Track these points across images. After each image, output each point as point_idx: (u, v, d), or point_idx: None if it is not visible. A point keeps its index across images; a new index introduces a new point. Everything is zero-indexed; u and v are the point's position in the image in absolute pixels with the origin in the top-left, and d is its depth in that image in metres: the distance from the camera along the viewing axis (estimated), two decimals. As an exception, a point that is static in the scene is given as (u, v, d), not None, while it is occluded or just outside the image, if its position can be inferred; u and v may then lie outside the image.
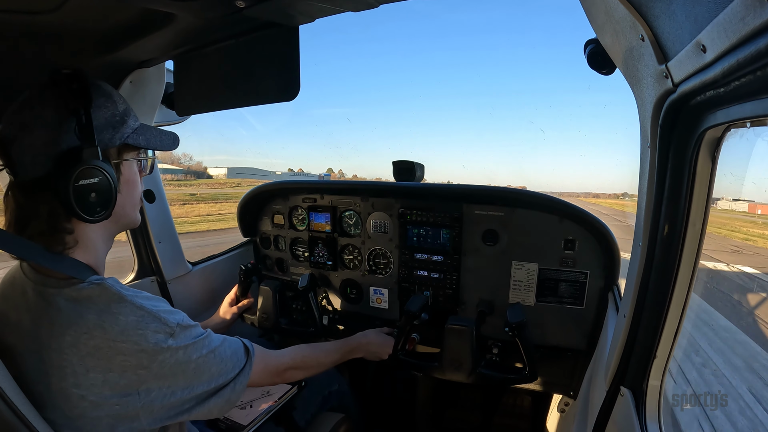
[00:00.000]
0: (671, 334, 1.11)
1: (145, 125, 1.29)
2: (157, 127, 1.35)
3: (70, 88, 1.07)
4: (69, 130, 1.07)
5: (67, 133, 1.07)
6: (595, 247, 1.89)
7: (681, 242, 1.00)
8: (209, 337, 1.23)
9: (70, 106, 1.07)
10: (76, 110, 1.07)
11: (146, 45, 1.49)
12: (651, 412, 1.17)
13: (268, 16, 1.28)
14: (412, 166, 2.34)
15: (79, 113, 1.07)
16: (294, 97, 1.39)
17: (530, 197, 1.97)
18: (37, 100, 1.07)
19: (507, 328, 1.70)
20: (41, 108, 1.06)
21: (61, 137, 1.06)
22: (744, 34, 0.53)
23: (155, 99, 1.92)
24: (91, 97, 1.10)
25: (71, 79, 1.08)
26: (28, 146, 1.05)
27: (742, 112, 0.70)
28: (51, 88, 1.09)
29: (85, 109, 1.08)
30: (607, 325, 1.69)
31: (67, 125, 1.07)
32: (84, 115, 1.08)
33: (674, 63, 0.77)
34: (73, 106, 1.07)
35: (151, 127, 1.32)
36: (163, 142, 1.34)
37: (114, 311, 1.05)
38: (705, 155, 0.91)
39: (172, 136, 1.37)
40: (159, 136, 1.33)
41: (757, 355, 6.00)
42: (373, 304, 2.50)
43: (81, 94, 1.08)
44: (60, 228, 1.10)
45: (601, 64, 1.15)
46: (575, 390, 1.94)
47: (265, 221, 2.84)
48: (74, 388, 1.02)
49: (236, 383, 1.26)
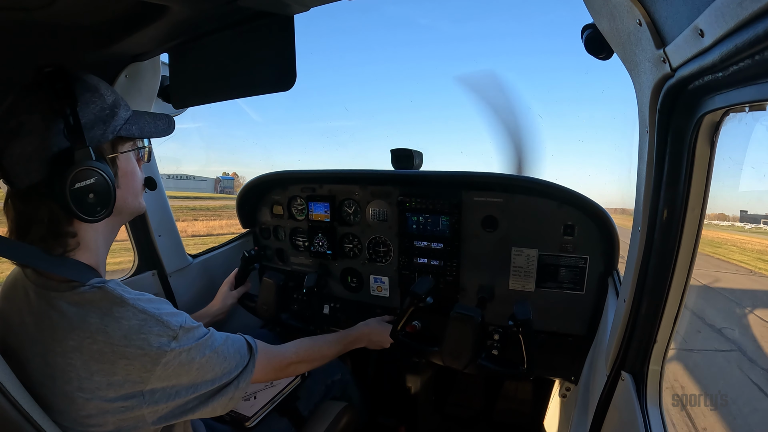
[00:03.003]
0: (671, 319, 1.12)
1: (138, 112, 1.27)
2: (150, 112, 1.33)
3: (54, 89, 1.04)
4: (58, 133, 1.05)
5: (56, 136, 1.04)
6: (595, 232, 1.89)
7: (680, 227, 1.00)
8: (212, 336, 1.22)
9: (55, 107, 1.04)
10: (62, 111, 1.04)
11: (140, 38, 1.47)
12: (652, 396, 1.18)
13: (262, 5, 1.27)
14: (411, 153, 2.33)
15: (65, 114, 1.05)
16: (290, 86, 1.38)
17: (529, 183, 1.97)
18: (22, 105, 1.04)
19: (511, 322, 1.68)
20: (27, 114, 1.03)
21: (51, 141, 1.04)
22: (742, 19, 0.53)
23: (151, 92, 1.90)
24: (76, 95, 1.07)
25: (54, 77, 1.05)
26: (18, 155, 1.02)
27: (740, 97, 0.70)
28: (34, 91, 1.06)
29: (71, 109, 1.05)
30: (608, 310, 1.70)
31: (55, 128, 1.04)
32: (71, 115, 1.05)
33: (672, 48, 0.76)
34: (58, 107, 1.04)
35: (144, 113, 1.29)
36: (158, 128, 1.32)
37: (116, 315, 1.05)
38: (704, 140, 0.90)
39: (166, 120, 1.35)
40: (153, 122, 1.30)
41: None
42: (374, 292, 2.50)
43: (65, 93, 1.05)
44: (62, 232, 1.10)
45: (598, 49, 1.14)
46: (576, 375, 1.96)
47: (264, 212, 2.84)
48: (79, 391, 1.03)
49: (240, 380, 1.26)
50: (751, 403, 5.75)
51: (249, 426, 1.81)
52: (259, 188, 2.76)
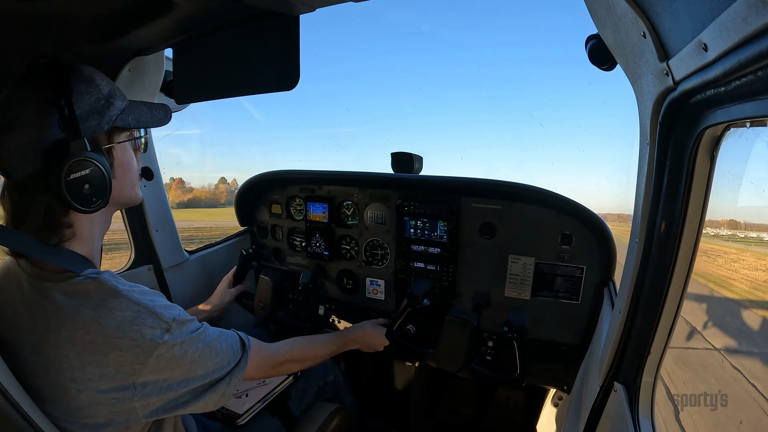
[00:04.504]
0: (666, 331, 1.12)
1: (134, 102, 1.26)
2: (147, 102, 1.32)
3: (48, 80, 1.04)
4: (53, 125, 1.05)
5: (51, 127, 1.04)
6: (592, 242, 1.89)
7: (678, 240, 1.00)
8: (205, 331, 1.22)
9: (50, 99, 1.04)
10: (57, 102, 1.04)
11: (145, 33, 1.47)
12: (644, 408, 1.18)
13: (268, 5, 1.27)
14: (411, 157, 2.33)
15: (60, 105, 1.04)
16: (293, 86, 1.39)
17: (528, 191, 1.97)
18: (17, 97, 1.04)
19: (506, 328, 1.69)
20: (22, 105, 1.03)
21: (46, 132, 1.04)
22: (746, 34, 0.53)
23: (154, 87, 1.90)
24: (71, 86, 1.07)
25: (49, 69, 1.05)
26: (14, 147, 1.02)
27: (742, 112, 0.70)
28: (29, 82, 1.06)
29: (66, 100, 1.05)
30: (602, 321, 1.70)
31: (50, 119, 1.04)
32: (66, 106, 1.05)
33: (675, 61, 0.77)
34: (53, 98, 1.04)
35: (141, 102, 1.29)
36: (154, 118, 1.31)
37: (110, 306, 1.05)
38: (704, 154, 0.91)
39: (163, 110, 1.35)
40: (149, 112, 1.30)
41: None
42: (370, 295, 2.50)
43: (60, 84, 1.05)
44: (58, 223, 1.10)
45: (602, 60, 1.14)
46: (569, 384, 1.96)
47: (262, 210, 2.84)
48: (71, 382, 1.02)
49: (232, 377, 1.26)
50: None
51: (240, 423, 1.80)
52: (258, 187, 2.75)
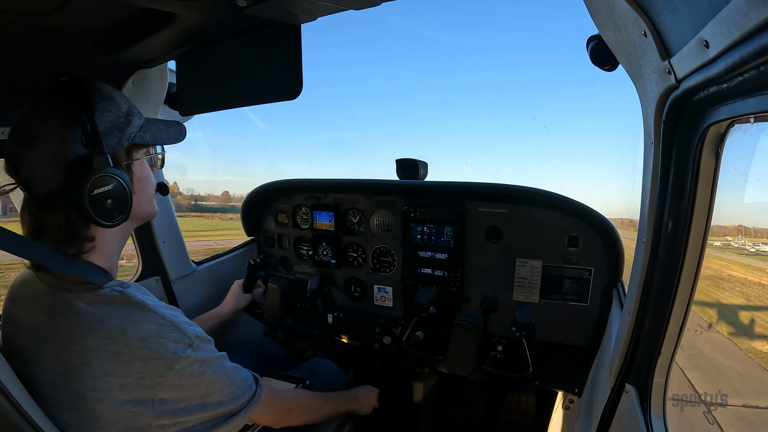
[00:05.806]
0: (675, 331, 1.11)
1: (150, 120, 1.29)
2: (162, 120, 1.35)
3: (70, 97, 1.06)
4: (75, 140, 1.06)
5: (73, 143, 1.06)
6: (599, 243, 1.88)
7: (685, 239, 0.99)
8: (224, 357, 1.24)
9: (72, 115, 1.06)
10: (80, 118, 1.06)
11: (148, 45, 1.49)
12: (656, 408, 1.16)
13: (269, 14, 1.28)
14: (416, 163, 2.34)
15: (83, 121, 1.06)
16: (296, 95, 1.39)
17: (533, 194, 1.97)
18: (39, 113, 1.06)
19: (514, 327, 1.69)
20: (44, 121, 1.05)
21: (68, 148, 1.06)
22: (747, 30, 0.53)
23: (158, 99, 1.92)
24: (93, 103, 1.09)
25: (69, 86, 1.07)
26: (36, 162, 1.04)
27: (745, 108, 0.70)
28: (50, 98, 1.08)
29: (88, 117, 1.07)
30: (612, 322, 1.69)
31: (72, 135, 1.06)
32: (88, 123, 1.07)
33: (677, 59, 0.77)
34: (75, 114, 1.06)
35: (156, 120, 1.32)
36: (170, 135, 1.34)
37: (136, 318, 1.07)
38: (709, 151, 0.90)
39: (178, 127, 1.37)
40: (165, 129, 1.33)
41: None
42: (378, 302, 2.50)
43: (82, 101, 1.07)
44: (79, 236, 1.12)
45: (603, 60, 1.14)
46: (580, 387, 1.94)
47: (268, 220, 2.85)
48: (92, 390, 1.03)
49: (247, 410, 1.27)
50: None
51: (249, 433, 1.80)
52: (264, 196, 2.77)
